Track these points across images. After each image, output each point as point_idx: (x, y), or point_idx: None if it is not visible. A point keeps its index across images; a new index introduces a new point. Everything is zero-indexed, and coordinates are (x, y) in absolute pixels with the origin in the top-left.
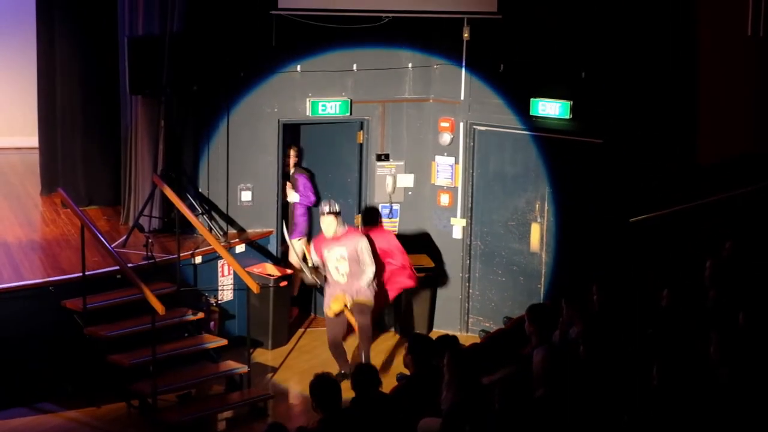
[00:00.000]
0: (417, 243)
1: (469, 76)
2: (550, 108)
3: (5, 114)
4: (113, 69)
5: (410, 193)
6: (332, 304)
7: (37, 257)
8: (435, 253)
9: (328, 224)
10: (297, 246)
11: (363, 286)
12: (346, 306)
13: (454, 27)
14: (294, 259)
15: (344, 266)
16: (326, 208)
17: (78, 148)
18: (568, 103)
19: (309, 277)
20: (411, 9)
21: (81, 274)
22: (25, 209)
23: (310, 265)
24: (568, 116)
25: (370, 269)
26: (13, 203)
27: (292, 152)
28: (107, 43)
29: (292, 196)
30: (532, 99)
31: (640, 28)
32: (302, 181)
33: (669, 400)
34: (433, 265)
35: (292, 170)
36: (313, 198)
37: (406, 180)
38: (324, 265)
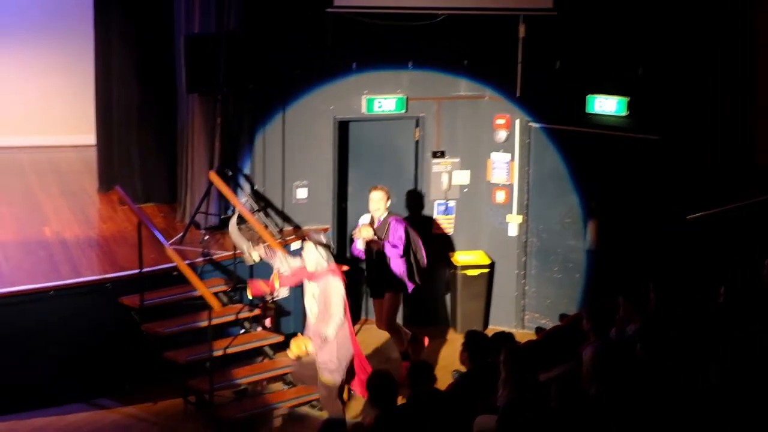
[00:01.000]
0: (473, 240)
1: (525, 74)
2: (606, 105)
3: (63, 112)
4: (170, 67)
5: (466, 190)
6: (292, 345)
7: (95, 254)
8: (491, 250)
9: (308, 255)
10: (233, 229)
11: (328, 335)
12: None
13: (510, 24)
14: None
15: (314, 305)
16: (315, 237)
17: (135, 146)
18: (625, 100)
19: (246, 254)
20: (467, 6)
21: (138, 270)
22: (82, 206)
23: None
24: (624, 113)
25: (333, 320)
26: (71, 201)
27: (381, 194)
28: (164, 42)
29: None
30: (588, 96)
31: (698, 24)
32: (397, 228)
33: (727, 400)
34: (489, 261)
35: (382, 214)
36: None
37: (462, 177)
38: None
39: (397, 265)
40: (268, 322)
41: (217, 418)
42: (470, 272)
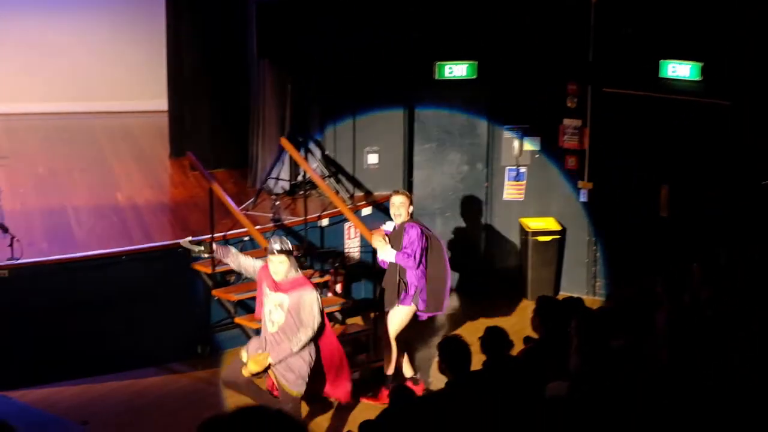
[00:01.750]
0: (543, 206)
1: (597, 39)
2: (680, 70)
3: (135, 78)
4: (241, 33)
5: (537, 155)
6: (250, 364)
7: (166, 219)
8: (561, 216)
9: (278, 266)
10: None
11: (292, 351)
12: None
13: None
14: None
15: (280, 316)
16: (276, 246)
17: (206, 112)
18: (699, 65)
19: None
20: None
21: (209, 236)
22: (154, 172)
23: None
24: (698, 78)
25: (306, 332)
26: (143, 166)
27: (404, 198)
28: (235, 8)
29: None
30: (661, 61)
31: None
32: (409, 233)
33: None
34: (559, 228)
35: (402, 221)
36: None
37: (533, 143)
38: (259, 303)
39: (412, 278)
40: (338, 287)
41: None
42: (541, 238)
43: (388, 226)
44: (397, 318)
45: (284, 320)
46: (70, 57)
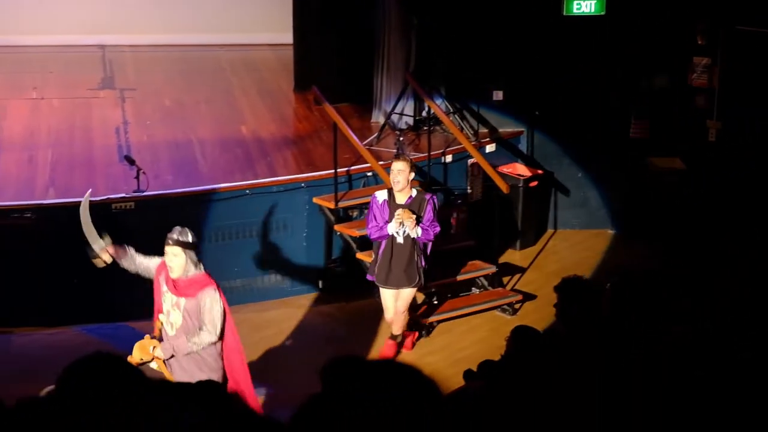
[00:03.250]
0: (670, 144)
1: None
2: None
3: (260, 10)
4: None
5: (664, 94)
6: (135, 349)
7: (290, 153)
8: (686, 155)
9: (172, 259)
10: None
11: (188, 348)
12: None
13: None
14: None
15: (177, 317)
16: (173, 236)
17: (331, 45)
18: None
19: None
20: None
21: (333, 171)
22: (278, 106)
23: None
24: None
25: (206, 335)
26: (267, 100)
27: (404, 164)
28: None
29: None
30: None
31: None
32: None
33: None
34: (683, 167)
35: (403, 188)
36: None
37: (660, 81)
38: (156, 303)
39: (425, 257)
40: (460, 226)
41: (410, 319)
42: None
43: (382, 195)
44: (410, 297)
45: (181, 323)
46: None
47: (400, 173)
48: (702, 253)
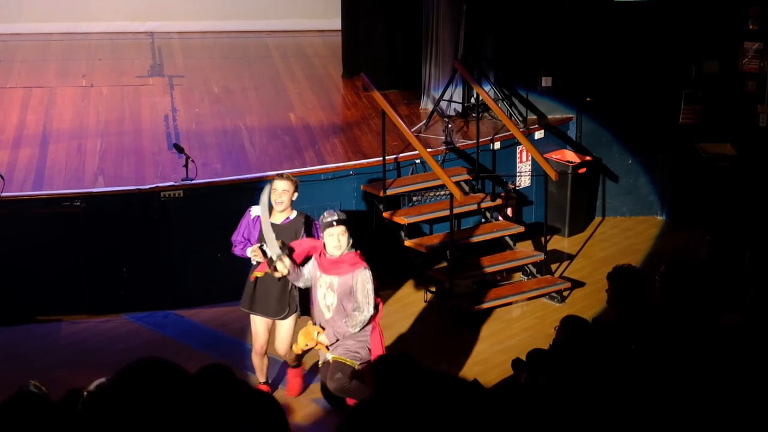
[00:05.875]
0: (720, 130)
1: None
2: None
3: None
4: None
5: (715, 79)
6: (299, 337)
7: (338, 141)
8: (737, 141)
9: (340, 238)
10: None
11: (348, 331)
12: (318, 343)
13: None
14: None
15: (332, 298)
16: (336, 217)
17: (380, 32)
18: None
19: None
20: None
21: (381, 158)
22: (327, 92)
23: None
24: None
25: (363, 312)
26: (316, 86)
27: (288, 184)
28: None
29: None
30: None
31: None
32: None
33: None
34: (734, 153)
35: (284, 209)
36: None
37: (711, 66)
38: (312, 286)
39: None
40: (509, 211)
41: (455, 308)
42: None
43: (258, 210)
44: (289, 333)
45: (336, 304)
46: None
47: (284, 193)
48: (752, 241)
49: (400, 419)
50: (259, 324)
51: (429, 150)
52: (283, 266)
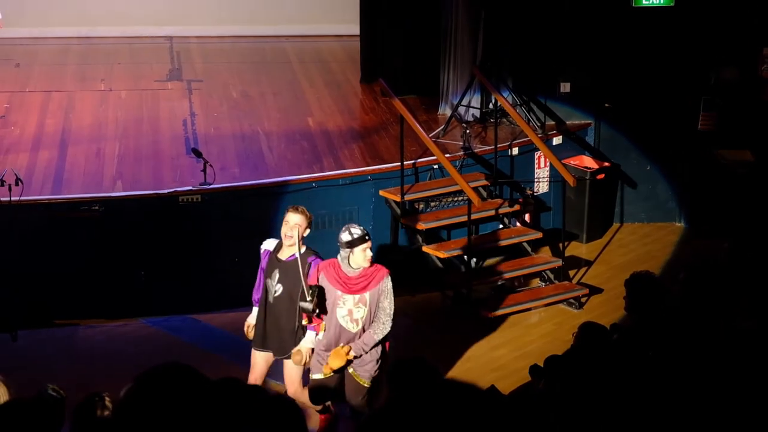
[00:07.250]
0: (739, 137)
1: None
2: None
3: (327, 1)
4: None
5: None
6: (331, 359)
7: (356, 146)
8: (756, 147)
9: (368, 253)
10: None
11: (375, 341)
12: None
13: None
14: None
15: (362, 311)
16: (363, 231)
17: (398, 37)
18: None
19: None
20: None
21: (399, 163)
22: (345, 97)
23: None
24: None
25: (385, 325)
26: (334, 91)
27: (302, 218)
28: None
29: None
30: None
31: None
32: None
33: None
34: (753, 159)
35: (299, 246)
36: None
37: (729, 72)
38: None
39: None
40: (527, 217)
41: (473, 313)
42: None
43: (269, 244)
44: (295, 374)
45: (366, 314)
46: None
47: (296, 227)
48: None
49: (415, 425)
50: (259, 357)
51: (447, 155)
52: (301, 358)
